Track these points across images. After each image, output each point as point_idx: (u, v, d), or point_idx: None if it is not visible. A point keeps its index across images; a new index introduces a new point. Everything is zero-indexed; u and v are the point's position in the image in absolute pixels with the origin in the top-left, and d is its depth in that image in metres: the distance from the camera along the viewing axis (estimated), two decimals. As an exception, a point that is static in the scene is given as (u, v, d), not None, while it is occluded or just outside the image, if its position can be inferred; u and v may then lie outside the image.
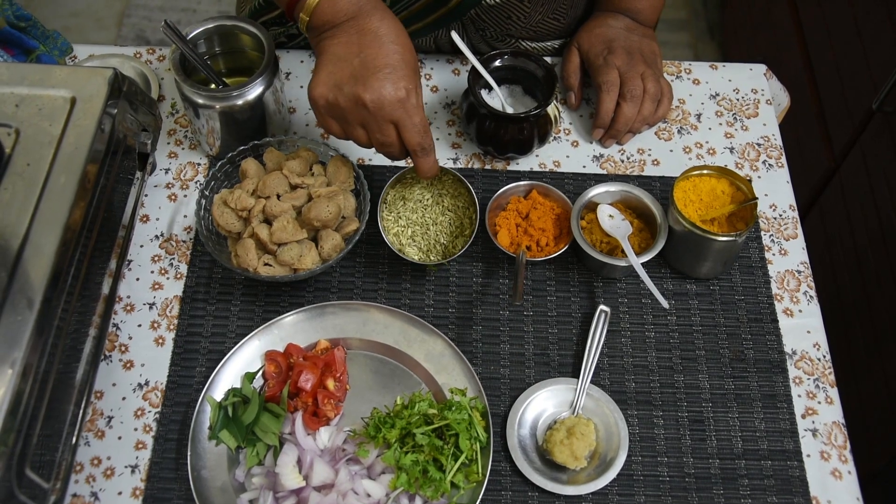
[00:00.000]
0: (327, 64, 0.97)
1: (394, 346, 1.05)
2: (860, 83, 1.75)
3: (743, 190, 1.09)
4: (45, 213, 0.88)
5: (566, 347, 1.07)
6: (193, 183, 1.18)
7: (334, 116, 0.99)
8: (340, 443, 0.98)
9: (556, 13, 1.24)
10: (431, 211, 1.11)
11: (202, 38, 1.15)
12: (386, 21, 0.97)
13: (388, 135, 0.98)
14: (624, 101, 1.19)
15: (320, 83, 0.97)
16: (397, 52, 0.96)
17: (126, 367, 1.04)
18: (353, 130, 0.99)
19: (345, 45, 0.97)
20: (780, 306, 1.11)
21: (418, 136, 0.98)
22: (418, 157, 1.01)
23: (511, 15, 1.21)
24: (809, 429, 1.03)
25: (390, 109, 0.96)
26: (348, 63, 0.96)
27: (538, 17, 1.23)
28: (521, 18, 1.22)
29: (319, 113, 0.99)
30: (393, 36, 0.97)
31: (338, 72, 0.96)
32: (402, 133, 0.98)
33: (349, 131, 1.00)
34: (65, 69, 1.00)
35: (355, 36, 0.96)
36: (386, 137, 0.98)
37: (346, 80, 0.95)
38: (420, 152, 1.00)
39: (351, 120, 0.98)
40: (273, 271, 1.04)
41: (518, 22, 1.23)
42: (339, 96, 0.96)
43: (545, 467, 0.99)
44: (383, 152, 1.01)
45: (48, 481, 0.85)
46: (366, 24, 0.96)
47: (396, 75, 0.95)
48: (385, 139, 0.98)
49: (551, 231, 1.11)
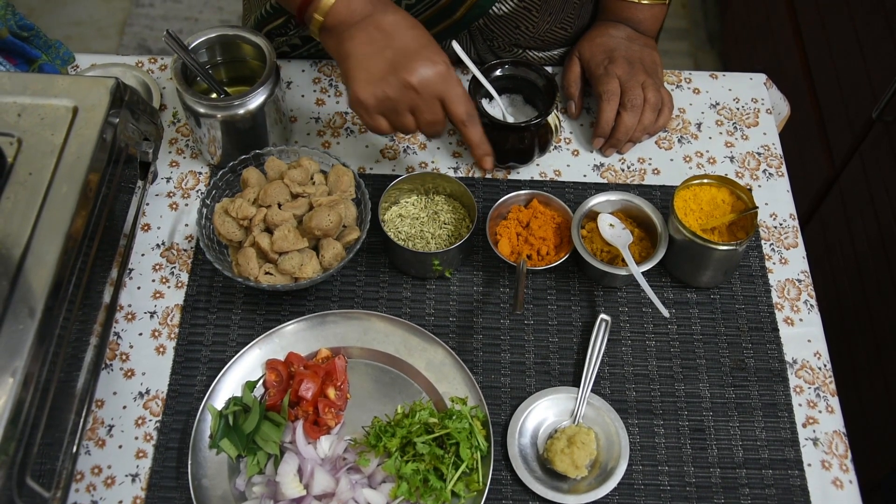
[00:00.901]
0: (359, 65, 0.98)
1: (395, 354, 1.05)
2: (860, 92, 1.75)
3: (743, 199, 1.09)
4: (47, 221, 0.89)
5: (567, 356, 1.07)
6: (195, 192, 1.19)
7: (384, 111, 1.00)
8: (341, 452, 0.98)
9: (564, 22, 1.25)
10: (429, 225, 1.12)
11: (204, 47, 1.15)
12: (399, 13, 0.99)
13: (436, 112, 1.00)
14: (624, 111, 1.19)
15: (363, 84, 0.97)
16: (422, 35, 0.99)
17: (127, 375, 1.05)
18: (403, 119, 1.00)
19: (368, 43, 0.97)
20: (780, 315, 1.11)
21: (464, 105, 1.01)
22: (466, 128, 1.03)
23: (519, 25, 1.22)
24: (810, 438, 1.03)
25: (436, 85, 0.98)
26: (380, 57, 0.97)
27: (546, 26, 1.23)
28: (530, 28, 1.23)
29: (368, 113, 1.00)
30: (409, 22, 0.99)
31: (374, 68, 0.97)
32: (448, 106, 1.00)
33: (398, 121, 1.01)
34: (67, 79, 1.00)
35: (376, 33, 0.98)
36: (435, 115, 1.01)
37: (387, 71, 0.97)
38: (468, 121, 1.02)
39: (401, 108, 0.99)
40: (274, 280, 1.04)
41: (526, 32, 1.23)
42: (387, 89, 0.97)
43: (546, 476, 0.99)
44: (430, 132, 1.03)
45: (49, 490, 0.85)
46: (382, 21, 0.98)
47: (431, 52, 0.98)
48: (434, 117, 1.01)
49: (552, 240, 1.11)
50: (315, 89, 1.29)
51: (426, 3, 1.16)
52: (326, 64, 1.31)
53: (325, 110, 1.27)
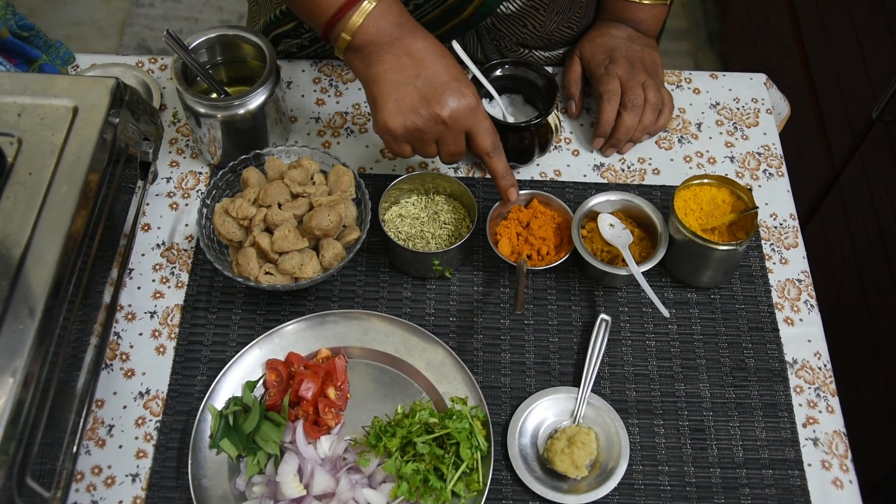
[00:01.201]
0: (390, 93, 0.96)
1: (395, 354, 1.05)
2: (860, 92, 1.75)
3: (743, 199, 1.09)
4: (47, 221, 0.89)
5: (567, 356, 1.07)
6: (195, 192, 1.19)
7: (411, 140, 0.99)
8: (341, 452, 0.98)
9: (570, 21, 1.25)
10: (429, 225, 1.12)
11: (204, 47, 1.15)
12: (429, 40, 0.98)
13: (461, 145, 1.01)
14: (625, 111, 1.19)
15: (393, 113, 0.97)
16: (452, 65, 0.98)
17: (127, 375, 1.05)
18: (427, 148, 1.01)
19: (397, 69, 0.96)
20: (780, 315, 1.11)
21: (490, 138, 1.01)
22: (491, 159, 1.03)
23: (527, 24, 1.22)
24: (810, 438, 1.03)
25: (466, 119, 0.98)
26: (411, 87, 0.96)
27: (553, 25, 1.23)
28: (537, 27, 1.23)
29: (395, 141, 0.99)
30: (440, 51, 0.99)
31: (404, 98, 0.96)
32: (474, 139, 1.01)
33: (422, 149, 1.01)
34: (67, 79, 1.00)
35: (405, 58, 0.97)
36: (459, 147, 1.01)
37: (418, 103, 0.96)
38: (493, 153, 1.02)
39: (427, 139, 0.99)
40: (274, 280, 1.04)
41: (534, 31, 1.23)
42: (416, 120, 0.96)
43: (546, 476, 0.99)
44: (450, 161, 1.04)
45: (49, 490, 0.85)
46: (411, 46, 0.97)
47: (462, 86, 0.97)
48: (458, 149, 1.01)
49: (552, 240, 1.11)
50: (315, 89, 1.29)
51: (434, 3, 1.16)
52: (327, 64, 1.31)
53: (325, 110, 1.27)
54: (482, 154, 1.02)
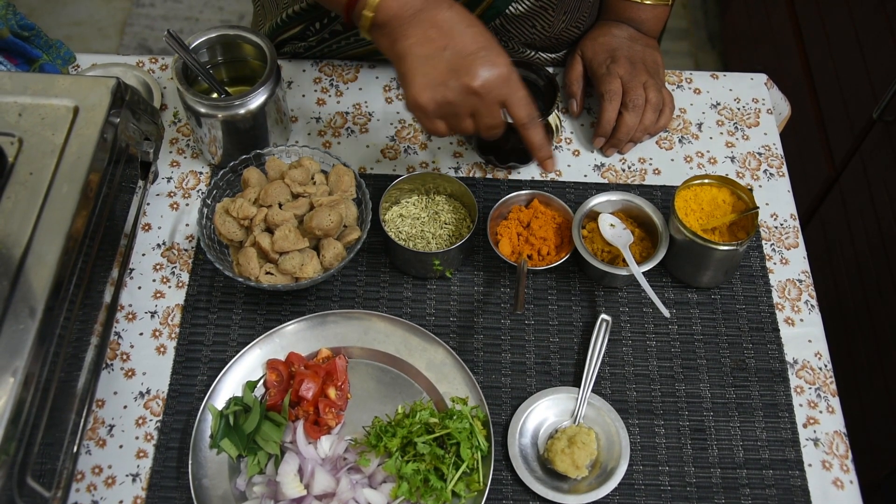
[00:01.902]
0: (417, 67, 0.92)
1: (395, 354, 1.05)
2: (860, 92, 1.75)
3: (744, 199, 1.09)
4: (48, 221, 0.89)
5: (567, 356, 1.07)
6: (195, 192, 1.19)
7: (443, 115, 0.95)
8: (342, 452, 0.98)
9: (578, 21, 1.25)
10: (430, 225, 1.12)
11: (204, 47, 1.15)
12: (454, 9, 0.94)
13: (497, 115, 0.96)
14: (626, 111, 1.19)
15: (422, 88, 0.92)
16: (481, 33, 0.94)
17: (127, 375, 1.05)
18: (462, 122, 0.96)
19: (424, 42, 0.92)
20: (781, 315, 1.11)
21: (526, 108, 0.97)
22: (528, 130, 0.98)
23: (536, 24, 1.22)
24: (811, 438, 1.03)
25: (499, 89, 0.94)
26: (439, 59, 0.92)
27: (562, 25, 1.23)
28: (546, 28, 1.22)
29: (426, 117, 0.95)
30: (468, 19, 0.94)
31: (433, 71, 0.92)
32: (510, 109, 0.96)
33: (457, 125, 0.97)
34: (67, 78, 1.00)
35: (431, 30, 0.92)
36: (495, 119, 0.96)
37: (448, 75, 0.92)
38: (529, 124, 0.98)
39: (461, 112, 0.95)
40: (274, 280, 1.04)
41: (542, 31, 1.23)
42: (447, 93, 0.92)
43: (546, 476, 0.99)
44: (488, 135, 0.99)
45: (49, 490, 0.85)
46: (436, 16, 0.93)
47: (493, 54, 0.93)
48: (494, 121, 0.97)
49: (552, 240, 1.11)
50: (316, 89, 1.29)
51: None
52: (327, 64, 1.31)
53: (325, 110, 1.27)
54: (518, 125, 0.98)
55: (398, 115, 1.27)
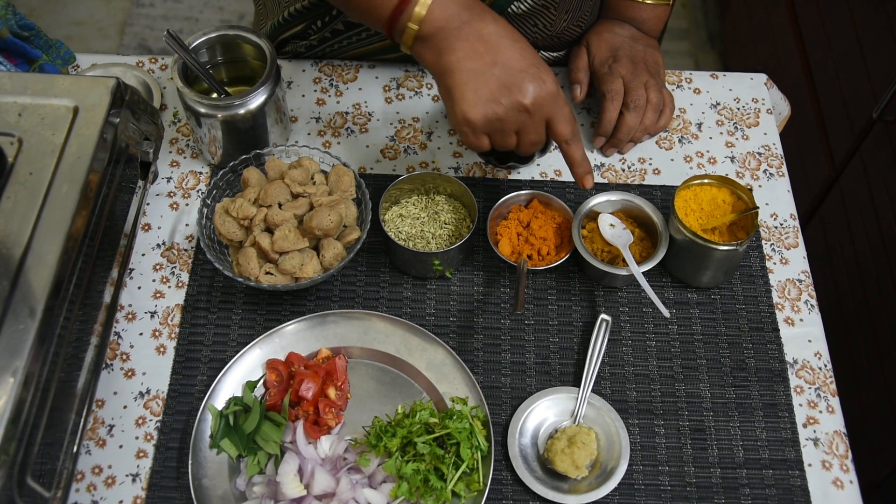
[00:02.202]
0: (467, 82, 0.91)
1: (395, 354, 1.05)
2: (860, 92, 1.75)
3: (744, 199, 1.09)
4: (48, 221, 0.89)
5: (567, 356, 1.07)
6: (195, 192, 1.19)
7: (491, 131, 0.95)
8: (341, 452, 0.98)
9: (580, 20, 1.25)
10: (430, 225, 1.12)
11: (204, 47, 1.15)
12: (500, 22, 0.94)
13: (542, 133, 0.96)
14: (627, 111, 1.19)
15: (473, 104, 0.91)
16: (527, 48, 0.93)
17: (127, 375, 1.05)
18: (507, 138, 0.96)
19: (472, 56, 0.91)
20: (781, 315, 1.11)
21: (570, 126, 0.97)
22: (570, 146, 0.99)
23: (538, 23, 1.21)
24: (811, 438, 1.03)
25: (547, 107, 0.94)
26: (489, 74, 0.91)
27: (563, 24, 1.23)
28: (548, 27, 1.22)
29: (474, 133, 0.94)
30: (513, 34, 0.94)
31: (483, 87, 0.91)
32: (554, 126, 0.96)
33: (501, 140, 0.96)
34: (67, 78, 1.00)
35: (478, 44, 0.91)
36: (540, 136, 0.97)
37: (499, 91, 0.91)
38: (572, 140, 0.98)
39: (508, 129, 0.95)
40: (274, 280, 1.04)
41: (544, 30, 1.23)
42: (497, 110, 0.92)
43: (546, 476, 0.99)
44: (528, 151, 0.99)
45: (49, 490, 0.85)
46: (482, 30, 0.92)
47: (542, 71, 0.93)
48: (539, 137, 0.97)
49: (552, 240, 1.11)
50: (316, 89, 1.29)
51: None
52: (327, 64, 1.31)
53: (325, 110, 1.27)
54: (560, 141, 0.98)
55: (398, 115, 1.27)
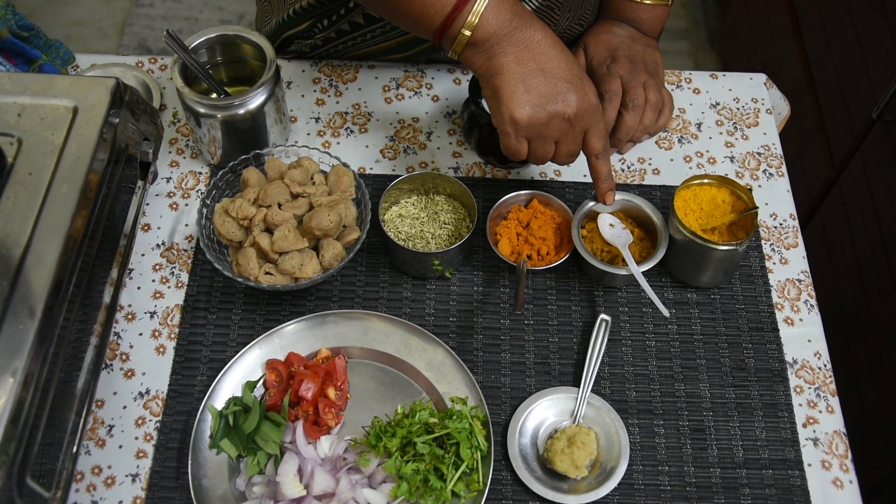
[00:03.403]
0: (516, 84, 0.94)
1: (395, 354, 1.05)
2: (860, 92, 1.75)
3: (743, 199, 1.09)
4: (47, 221, 0.89)
5: (567, 356, 1.07)
6: (195, 192, 1.19)
7: (531, 136, 0.97)
8: (341, 452, 0.98)
9: (581, 19, 1.25)
10: (429, 225, 1.12)
11: (204, 47, 1.15)
12: (546, 31, 0.96)
13: (579, 143, 0.99)
14: (626, 111, 1.19)
15: (522, 104, 0.94)
16: (571, 60, 0.97)
17: (127, 375, 1.05)
18: (545, 146, 0.98)
19: (519, 61, 0.94)
20: (780, 315, 1.11)
21: (603, 141, 1.00)
22: (599, 161, 1.02)
23: None
24: (810, 438, 1.03)
25: (587, 119, 0.97)
26: (535, 79, 0.94)
27: (566, 23, 1.23)
28: (551, 27, 1.22)
29: (516, 133, 0.97)
30: (558, 44, 0.97)
31: (532, 90, 0.94)
32: (588, 139, 0.99)
33: (540, 148, 0.99)
34: (67, 79, 1.00)
35: (524, 51, 0.94)
36: (577, 147, 0.99)
37: (545, 97, 0.94)
38: (602, 155, 1.01)
39: (548, 136, 0.97)
40: (274, 280, 1.04)
41: None
42: (542, 114, 0.95)
43: (546, 476, 0.99)
44: (564, 162, 1.02)
45: (49, 490, 0.85)
46: (530, 38, 0.95)
47: (585, 83, 0.96)
48: (576, 149, 1.00)
49: (552, 240, 1.11)
50: (315, 89, 1.29)
51: None
52: (327, 64, 1.31)
53: (325, 110, 1.27)
54: (591, 155, 1.01)
55: (397, 115, 1.27)
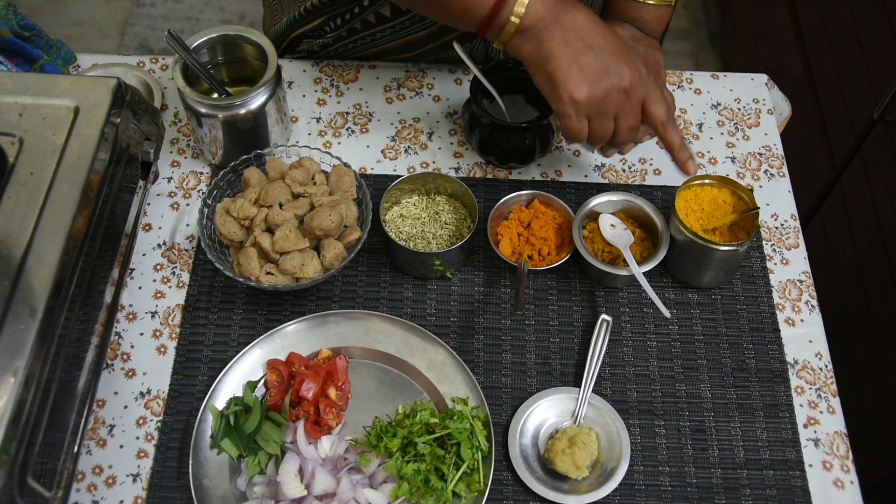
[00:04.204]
0: (569, 65, 0.96)
1: (395, 355, 1.05)
2: (861, 92, 1.75)
3: (744, 199, 1.09)
4: (48, 221, 0.89)
5: (568, 357, 1.07)
6: (196, 192, 1.19)
7: (591, 114, 0.98)
8: (342, 452, 0.98)
9: None
10: (430, 226, 1.12)
11: (205, 47, 1.15)
12: (588, 12, 0.98)
13: (638, 116, 1.00)
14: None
15: (579, 83, 0.96)
16: (615, 36, 0.99)
17: (128, 375, 1.05)
18: (605, 123, 0.99)
19: (568, 43, 0.96)
20: (781, 316, 1.11)
21: (664, 106, 1.00)
22: (667, 130, 1.02)
23: None
24: (811, 438, 1.03)
25: (642, 88, 0.98)
26: (586, 58, 0.96)
27: None
28: None
29: (577, 114, 0.98)
30: (600, 22, 0.99)
31: (585, 69, 0.96)
32: (649, 109, 1.00)
33: (601, 126, 0.99)
34: (68, 78, 1.00)
35: (570, 32, 0.96)
36: (637, 119, 1.00)
37: (599, 73, 0.96)
38: (668, 122, 1.01)
39: (608, 112, 0.98)
40: (275, 280, 1.04)
41: None
42: (599, 90, 0.96)
43: (547, 477, 0.99)
44: (627, 139, 1.02)
45: (50, 490, 0.85)
46: (574, 20, 0.97)
47: (632, 56, 0.98)
48: (635, 122, 1.00)
49: (553, 240, 1.11)
50: (316, 89, 1.29)
51: None
52: (328, 64, 1.31)
53: (326, 110, 1.27)
54: (657, 124, 1.01)
55: (398, 115, 1.27)
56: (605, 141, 1.02)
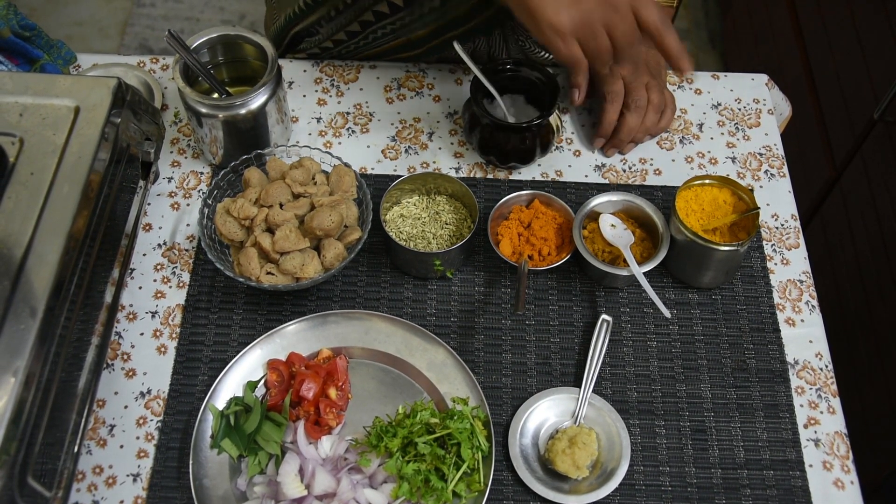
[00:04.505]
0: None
1: (396, 355, 1.05)
2: (861, 92, 1.75)
3: (745, 199, 1.09)
4: (49, 221, 0.89)
5: (568, 357, 1.07)
6: (196, 192, 1.19)
7: (580, 34, 0.95)
8: (342, 452, 0.98)
9: None
10: (431, 226, 1.12)
11: (205, 47, 1.15)
12: None
13: (632, 22, 0.95)
14: (628, 112, 1.19)
15: (556, 9, 0.93)
16: None
17: (128, 375, 1.05)
18: (600, 40, 0.96)
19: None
20: (781, 316, 1.11)
21: (657, 10, 0.96)
22: (662, 34, 0.97)
23: None
24: (812, 439, 1.03)
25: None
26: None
27: None
28: None
29: (563, 40, 0.95)
30: None
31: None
32: (641, 13, 0.95)
33: (595, 44, 0.96)
34: (68, 78, 1.00)
35: None
36: (630, 25, 0.95)
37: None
38: (664, 27, 0.97)
39: (597, 27, 0.95)
40: (275, 280, 1.04)
41: None
42: (577, 10, 0.93)
43: (547, 477, 0.99)
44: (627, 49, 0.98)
45: (50, 490, 0.85)
46: None
47: None
48: (630, 27, 0.96)
49: (553, 240, 1.11)
50: (317, 89, 1.29)
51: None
52: (328, 64, 1.31)
53: (326, 110, 1.27)
54: (652, 30, 0.97)
55: (399, 115, 1.27)
56: (608, 59, 0.98)
